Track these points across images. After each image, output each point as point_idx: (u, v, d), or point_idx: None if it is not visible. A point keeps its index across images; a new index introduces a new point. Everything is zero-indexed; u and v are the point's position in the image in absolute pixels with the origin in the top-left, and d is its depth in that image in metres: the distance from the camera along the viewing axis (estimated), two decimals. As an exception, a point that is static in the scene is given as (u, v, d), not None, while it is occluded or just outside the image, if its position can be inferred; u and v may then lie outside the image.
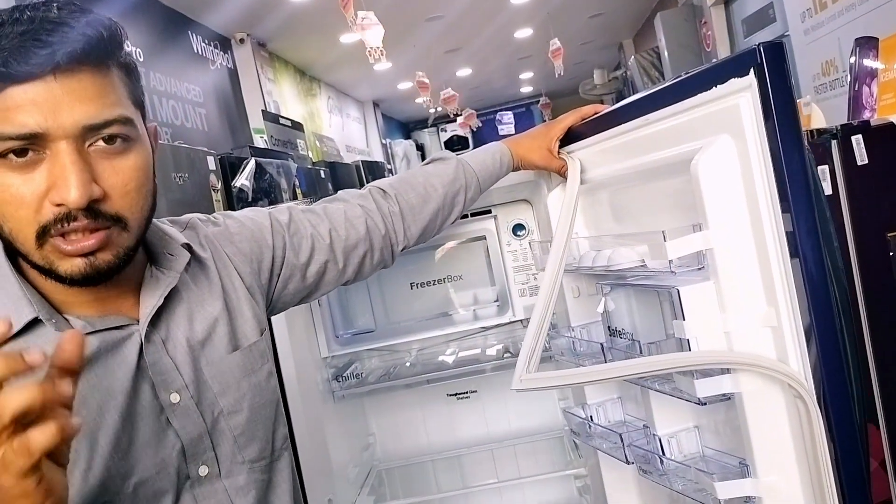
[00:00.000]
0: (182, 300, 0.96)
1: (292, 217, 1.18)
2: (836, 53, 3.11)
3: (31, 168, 0.78)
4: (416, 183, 1.33)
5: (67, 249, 0.80)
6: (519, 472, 2.22)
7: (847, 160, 1.35)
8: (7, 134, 0.76)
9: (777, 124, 0.92)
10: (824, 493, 0.95)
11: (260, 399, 1.00)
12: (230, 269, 1.05)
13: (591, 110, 1.41)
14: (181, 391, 0.91)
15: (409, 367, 2.10)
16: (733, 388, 1.04)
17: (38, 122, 0.76)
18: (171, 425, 0.90)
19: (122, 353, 0.88)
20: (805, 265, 0.93)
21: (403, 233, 1.30)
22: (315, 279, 1.20)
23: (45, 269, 0.82)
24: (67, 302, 0.87)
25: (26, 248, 0.81)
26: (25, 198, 0.78)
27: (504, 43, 9.21)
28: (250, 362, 1.00)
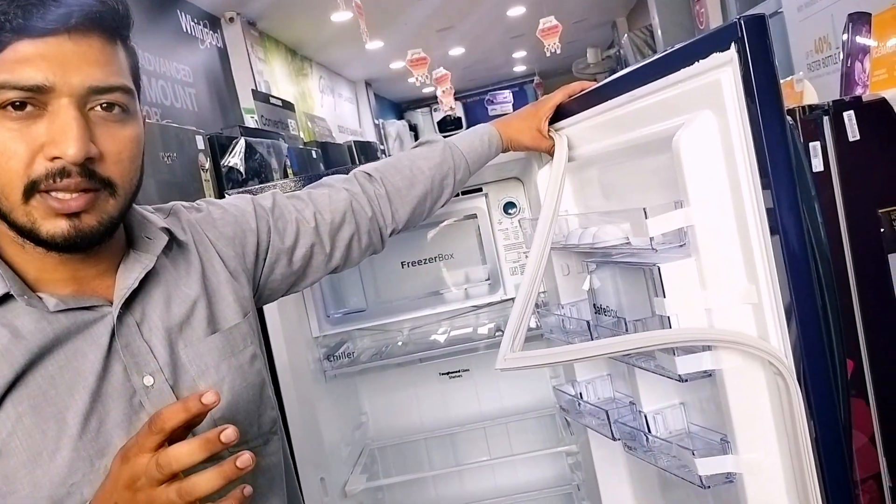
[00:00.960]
0: (160, 283, 0.95)
1: (276, 202, 1.18)
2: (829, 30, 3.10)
3: (28, 122, 0.78)
4: (403, 166, 1.32)
5: (55, 206, 0.79)
6: (511, 449, 2.24)
7: (839, 136, 1.34)
8: (11, 83, 0.76)
9: (758, 99, 0.91)
10: (804, 469, 0.96)
11: (242, 382, 0.99)
12: (211, 252, 1.05)
13: (577, 87, 1.40)
14: (155, 374, 0.90)
15: (401, 346, 2.10)
16: (714, 365, 1.04)
17: (45, 76, 0.77)
18: (143, 408, 0.89)
19: (94, 334, 0.87)
20: (785, 242, 0.93)
21: (391, 216, 1.29)
22: (302, 264, 1.19)
23: (25, 229, 0.81)
24: (42, 279, 0.86)
25: (10, 203, 0.80)
26: (18, 150, 0.78)
27: (497, 21, 9.14)
28: (230, 345, 0.99)
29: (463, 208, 1.99)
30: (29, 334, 0.82)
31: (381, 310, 2.05)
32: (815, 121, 1.34)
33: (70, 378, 0.84)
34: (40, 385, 0.82)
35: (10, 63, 0.77)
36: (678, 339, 1.04)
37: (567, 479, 2.18)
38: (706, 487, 1.08)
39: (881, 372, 1.34)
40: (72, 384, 0.84)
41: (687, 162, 1.00)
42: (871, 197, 1.34)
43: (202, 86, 5.95)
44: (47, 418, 0.82)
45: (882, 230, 1.34)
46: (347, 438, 2.11)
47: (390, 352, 2.08)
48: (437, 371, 2.25)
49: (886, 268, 1.34)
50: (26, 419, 0.81)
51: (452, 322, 2.12)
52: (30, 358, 0.82)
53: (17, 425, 0.80)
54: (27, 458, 0.81)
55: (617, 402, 1.43)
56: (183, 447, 0.71)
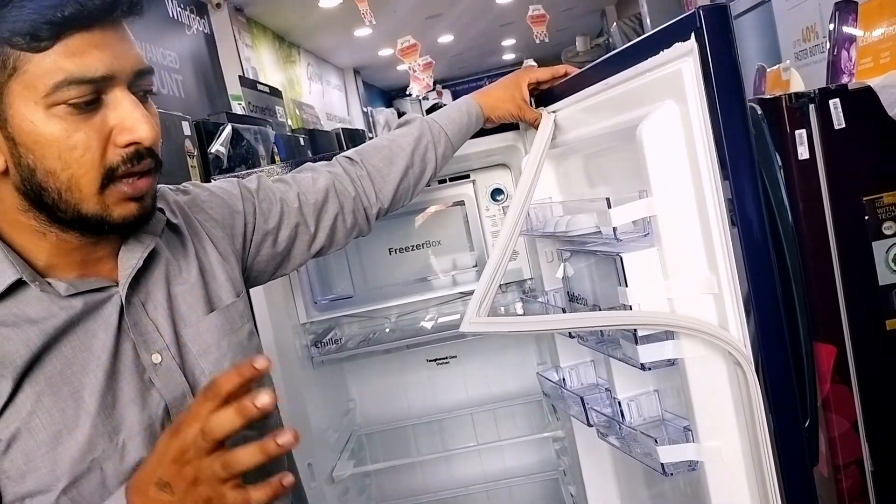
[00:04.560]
0: (159, 264, 0.97)
1: (261, 184, 1.20)
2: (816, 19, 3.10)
3: (91, 113, 0.80)
4: (382, 146, 1.33)
5: (127, 191, 0.83)
6: (498, 435, 2.25)
7: (824, 124, 1.35)
8: (79, 78, 0.77)
9: (717, 89, 0.92)
10: (762, 459, 0.97)
11: (242, 358, 0.99)
12: (201, 234, 1.06)
13: (562, 70, 1.41)
14: (163, 352, 0.92)
15: (389, 332, 2.10)
16: (676, 353, 1.05)
17: (106, 66, 0.79)
18: (153, 384, 0.91)
19: (104, 315, 0.89)
20: (744, 233, 0.93)
21: (375, 195, 1.31)
22: (287, 244, 1.21)
23: (95, 217, 0.83)
24: (51, 265, 0.88)
25: (82, 194, 0.82)
26: (91, 142, 0.80)
27: (486, 9, 9.09)
28: (229, 322, 1.01)
29: (450, 195, 1.99)
30: (42, 319, 0.84)
31: (368, 296, 2.05)
32: (801, 109, 1.35)
33: (84, 358, 0.86)
34: (56, 366, 0.84)
35: (66, 58, 0.77)
36: (641, 322, 1.05)
37: (553, 465, 2.20)
38: (669, 475, 1.10)
39: (864, 359, 1.35)
40: (86, 363, 0.86)
41: (650, 152, 1.01)
42: (856, 184, 1.35)
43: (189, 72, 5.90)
44: (65, 397, 0.84)
45: (866, 217, 1.35)
46: (335, 424, 2.11)
47: (378, 338, 2.08)
48: (425, 358, 2.25)
49: (870, 255, 1.36)
50: (45, 399, 0.83)
51: (440, 309, 2.12)
52: (45, 340, 0.83)
53: (36, 405, 0.82)
54: (47, 436, 0.82)
55: (598, 388, 1.44)
56: (222, 414, 0.72)
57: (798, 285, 1.33)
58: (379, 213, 1.33)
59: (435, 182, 1.91)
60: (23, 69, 0.77)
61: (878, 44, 1.67)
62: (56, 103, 0.78)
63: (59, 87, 0.77)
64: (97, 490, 0.84)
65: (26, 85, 0.77)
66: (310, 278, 2.00)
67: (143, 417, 0.89)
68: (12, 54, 0.77)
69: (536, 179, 1.29)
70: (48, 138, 0.79)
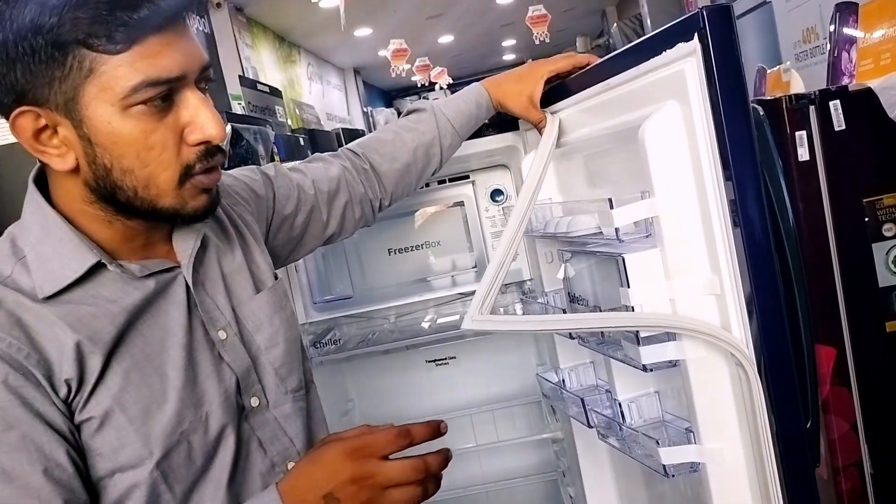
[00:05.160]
0: (210, 246, 1.01)
1: (278, 171, 1.24)
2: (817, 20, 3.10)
3: (164, 112, 0.82)
4: (386, 140, 1.35)
5: (205, 183, 0.87)
6: (497, 436, 2.24)
7: (824, 126, 1.35)
8: (159, 79, 0.79)
9: (720, 90, 0.91)
10: (764, 461, 0.97)
11: (291, 333, 1.06)
12: (235, 219, 1.10)
13: (584, 60, 1.34)
14: (226, 328, 0.97)
15: (388, 333, 2.10)
16: (678, 355, 1.05)
17: (179, 66, 0.81)
18: (223, 359, 0.96)
19: (173, 294, 0.93)
20: (747, 233, 0.93)
21: (378, 188, 1.33)
22: (301, 230, 1.25)
23: (171, 210, 0.87)
24: (117, 250, 0.91)
25: (159, 190, 0.85)
26: (168, 141, 0.83)
27: (486, 9, 9.10)
28: (277, 300, 1.06)
29: (450, 195, 1.99)
30: (118, 299, 0.88)
31: (367, 297, 2.05)
32: (801, 110, 1.35)
33: (161, 336, 0.90)
34: (137, 344, 0.88)
35: (142, 59, 0.78)
36: (644, 324, 1.05)
37: (553, 466, 2.19)
38: (670, 476, 1.09)
39: (863, 361, 1.35)
40: (164, 341, 0.90)
41: (652, 152, 1.01)
42: (855, 186, 1.35)
43: (189, 72, 5.89)
44: (150, 373, 0.88)
45: (866, 219, 1.35)
46: (334, 425, 2.10)
47: (377, 339, 2.07)
48: (424, 358, 2.25)
49: (870, 257, 1.35)
50: (133, 375, 0.86)
51: (439, 309, 2.12)
52: (127, 317, 0.87)
53: (125, 381, 0.86)
54: (138, 411, 0.86)
55: (598, 389, 1.44)
56: (407, 468, 0.84)
57: (800, 286, 1.33)
58: (381, 205, 1.36)
59: (434, 182, 1.92)
60: (99, 70, 0.78)
61: (878, 45, 1.67)
62: (132, 104, 0.80)
63: (137, 90, 0.79)
64: (184, 462, 0.88)
65: (102, 87, 0.79)
66: (309, 279, 2.00)
67: (221, 390, 0.94)
68: (88, 56, 0.78)
69: (540, 184, 1.29)
70: (126, 138, 0.81)
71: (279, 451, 1.00)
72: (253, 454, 0.98)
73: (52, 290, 0.84)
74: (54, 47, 0.77)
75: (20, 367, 0.80)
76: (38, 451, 0.80)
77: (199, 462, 0.90)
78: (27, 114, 0.81)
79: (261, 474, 0.97)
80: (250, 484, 0.96)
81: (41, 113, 0.81)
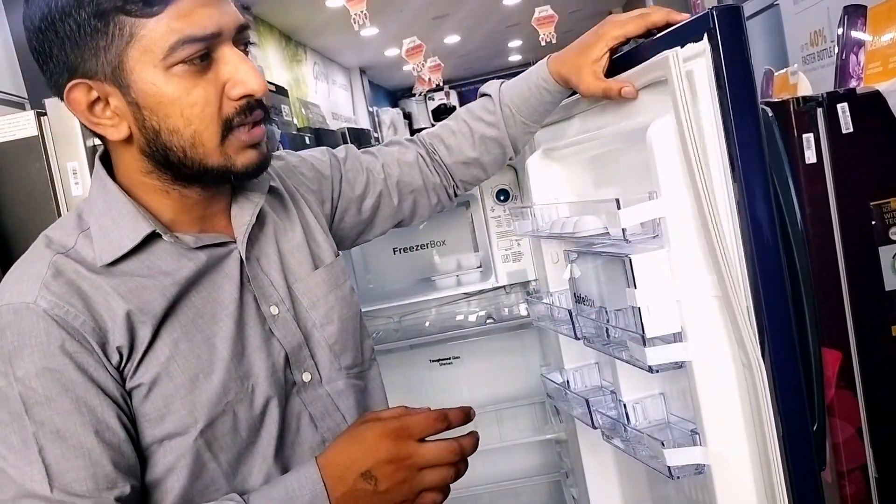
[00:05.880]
0: (268, 222, 1.03)
1: (349, 154, 1.25)
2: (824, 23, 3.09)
3: (206, 70, 0.85)
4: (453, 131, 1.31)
5: (245, 139, 0.88)
6: (501, 436, 2.24)
7: (832, 128, 1.34)
8: (193, 36, 0.81)
9: (729, 91, 0.91)
10: (770, 463, 0.96)
11: (347, 311, 1.07)
12: (297, 197, 1.11)
13: (662, 17, 1.09)
14: (279, 304, 0.99)
15: (392, 332, 2.10)
16: (684, 356, 1.04)
17: (215, 22, 0.83)
18: (273, 335, 0.98)
19: (226, 268, 0.95)
20: (754, 235, 0.93)
21: (449, 178, 1.32)
22: (370, 213, 1.25)
23: (221, 169, 0.89)
24: (175, 221, 0.94)
25: (206, 148, 0.87)
26: (210, 97, 0.85)
27: (492, 10, 9.09)
28: (334, 278, 1.07)
29: (456, 195, 1.99)
30: (173, 271, 0.91)
31: (372, 296, 2.05)
32: (808, 112, 1.34)
33: (213, 308, 0.93)
34: (188, 315, 0.91)
35: (178, 18, 0.81)
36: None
37: (556, 467, 2.19)
38: (676, 478, 1.09)
39: (869, 364, 1.34)
40: (215, 313, 0.93)
41: (659, 153, 1.01)
42: (863, 189, 1.34)
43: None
44: (199, 344, 0.90)
45: (873, 223, 1.35)
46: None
47: (381, 338, 2.08)
48: (428, 358, 2.24)
49: (877, 260, 1.35)
50: (181, 345, 0.89)
51: (443, 309, 2.12)
52: (178, 290, 0.90)
53: (174, 351, 0.89)
54: (185, 380, 0.88)
55: (603, 390, 1.44)
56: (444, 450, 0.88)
57: (807, 289, 1.32)
58: (455, 192, 1.35)
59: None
60: (139, 35, 0.81)
61: (886, 48, 1.66)
62: (173, 63, 0.82)
63: (175, 48, 0.81)
64: (229, 433, 0.91)
65: (144, 50, 0.82)
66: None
67: (268, 364, 0.95)
68: (128, 22, 0.81)
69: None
70: (170, 97, 0.84)
71: (330, 427, 1.01)
72: (304, 428, 1.00)
73: (109, 259, 0.88)
74: (96, 18, 0.80)
75: (76, 334, 0.84)
76: (91, 413, 0.84)
77: (244, 434, 0.92)
78: (79, 86, 0.85)
79: (311, 449, 0.99)
80: (300, 457, 0.97)
81: (92, 85, 0.85)
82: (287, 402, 0.98)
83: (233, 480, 0.92)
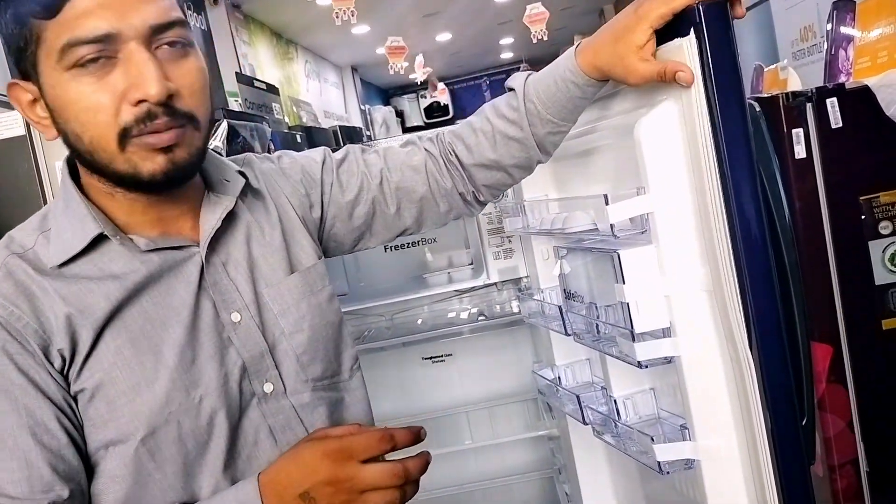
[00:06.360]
0: (241, 225, 0.99)
1: (347, 156, 1.17)
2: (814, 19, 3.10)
3: (106, 73, 0.81)
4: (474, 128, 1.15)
5: (151, 142, 0.83)
6: (493, 433, 2.24)
7: (821, 123, 1.35)
8: (81, 38, 0.79)
9: (716, 85, 0.91)
10: (759, 458, 0.97)
11: (321, 320, 1.03)
12: (283, 199, 1.08)
13: None
14: (242, 311, 0.95)
15: (384, 330, 2.10)
16: (673, 351, 1.05)
17: (110, 24, 0.79)
18: (232, 343, 0.94)
19: (185, 272, 0.92)
20: (742, 230, 0.93)
21: (467, 182, 1.16)
22: (364, 221, 1.15)
23: (128, 175, 0.84)
24: (131, 223, 0.91)
25: (108, 154, 0.83)
26: (104, 102, 0.81)
27: (484, 7, 9.09)
28: (309, 284, 1.03)
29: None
30: (122, 273, 0.88)
31: (363, 293, 2.05)
32: (798, 108, 1.35)
33: (164, 314, 0.90)
34: (136, 320, 0.88)
35: (72, 20, 0.79)
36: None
37: (548, 464, 2.19)
38: (665, 473, 1.09)
39: (860, 358, 1.35)
40: (166, 319, 0.90)
41: (647, 149, 1.01)
42: (852, 184, 1.35)
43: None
44: (145, 351, 0.88)
45: (863, 217, 1.35)
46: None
47: (373, 336, 2.07)
48: (420, 355, 2.24)
49: (867, 254, 1.35)
50: (125, 351, 0.87)
51: (435, 307, 2.11)
52: (125, 294, 0.88)
53: (117, 357, 0.86)
54: (127, 387, 0.86)
55: (593, 386, 1.44)
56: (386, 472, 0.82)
57: (796, 283, 1.33)
58: (478, 198, 1.18)
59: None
60: (43, 37, 0.81)
61: (875, 43, 1.66)
62: (69, 67, 0.80)
63: (65, 51, 0.79)
64: (174, 443, 0.88)
65: (47, 52, 0.81)
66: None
67: (220, 374, 0.92)
68: (35, 24, 0.80)
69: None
70: (67, 101, 0.82)
71: (290, 441, 0.96)
72: (263, 442, 0.96)
73: (59, 261, 0.87)
74: (14, 21, 0.82)
75: (18, 335, 0.83)
76: (30, 415, 0.83)
77: (189, 445, 0.89)
78: (15, 86, 0.86)
79: (269, 462, 0.93)
80: (256, 471, 0.91)
81: (23, 85, 0.86)
82: (243, 414, 0.94)
83: (181, 492, 0.90)
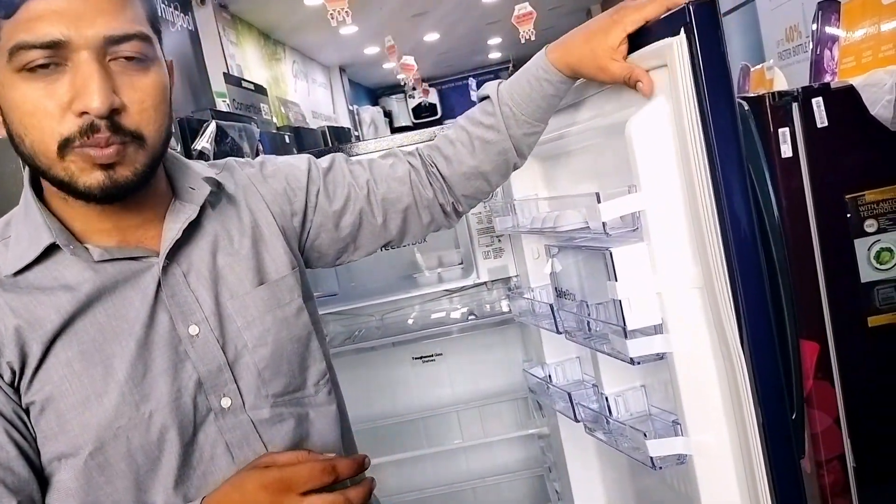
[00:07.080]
0: (206, 234, 0.96)
1: (333, 164, 1.15)
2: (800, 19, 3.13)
3: (54, 79, 0.79)
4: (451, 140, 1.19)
5: (92, 155, 0.80)
6: (484, 432, 2.24)
7: (807, 123, 1.36)
8: (30, 43, 0.77)
9: (706, 84, 0.92)
10: (751, 453, 0.98)
11: (287, 334, 0.99)
12: (261, 206, 1.05)
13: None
14: (201, 324, 0.92)
15: (374, 330, 2.10)
16: (664, 348, 1.05)
17: (60, 31, 0.77)
18: (188, 356, 0.91)
19: (141, 284, 0.89)
20: (732, 227, 0.94)
21: (447, 193, 1.20)
22: (350, 231, 1.15)
23: (64, 183, 0.82)
24: (87, 230, 0.89)
25: (48, 160, 0.81)
26: (48, 108, 0.79)
27: (471, 7, 9.09)
28: (276, 297, 0.99)
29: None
30: (76, 284, 0.86)
31: (353, 294, 2.05)
32: (784, 107, 1.36)
33: (117, 326, 0.87)
34: (88, 332, 0.86)
35: (24, 22, 0.77)
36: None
37: (539, 462, 2.20)
38: (658, 469, 1.10)
39: (846, 355, 1.36)
40: (118, 331, 0.87)
41: (638, 147, 1.01)
42: (838, 182, 1.36)
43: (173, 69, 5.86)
44: (95, 364, 0.86)
45: (849, 215, 1.36)
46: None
47: (363, 336, 2.07)
48: (410, 355, 2.24)
49: (852, 252, 1.37)
50: (75, 364, 0.85)
51: (425, 306, 2.12)
52: (77, 306, 0.85)
53: (67, 370, 0.85)
54: (76, 401, 0.84)
55: (584, 384, 1.45)
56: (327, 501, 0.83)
57: (784, 281, 1.34)
58: (457, 209, 1.22)
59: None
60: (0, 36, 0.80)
61: (860, 43, 1.68)
62: (17, 69, 0.79)
63: (13, 53, 0.78)
64: (123, 458, 0.86)
65: (1, 51, 0.80)
66: (295, 276, 1.99)
67: (173, 389, 0.89)
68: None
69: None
70: (14, 103, 0.81)
71: (248, 458, 0.92)
72: (219, 458, 0.92)
73: (11, 270, 0.86)
74: None
75: None
76: None
77: (140, 460, 0.87)
78: None
79: (225, 480, 0.90)
80: (211, 488, 0.90)
81: None
82: (199, 429, 0.91)
83: None
